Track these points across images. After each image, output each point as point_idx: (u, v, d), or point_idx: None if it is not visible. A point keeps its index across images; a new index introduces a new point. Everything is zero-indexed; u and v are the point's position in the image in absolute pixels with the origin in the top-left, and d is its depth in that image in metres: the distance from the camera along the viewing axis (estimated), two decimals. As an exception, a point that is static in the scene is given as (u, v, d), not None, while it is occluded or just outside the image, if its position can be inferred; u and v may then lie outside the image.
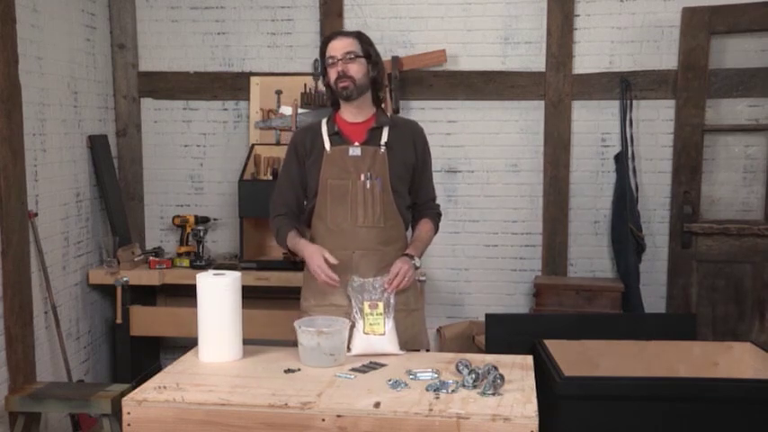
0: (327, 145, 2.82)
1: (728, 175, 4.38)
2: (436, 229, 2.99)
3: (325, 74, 2.85)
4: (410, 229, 2.97)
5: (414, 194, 2.95)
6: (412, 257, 2.78)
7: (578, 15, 4.39)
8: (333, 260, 2.69)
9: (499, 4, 4.44)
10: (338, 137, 2.83)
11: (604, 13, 4.38)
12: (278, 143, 4.43)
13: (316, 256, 2.71)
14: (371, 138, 2.82)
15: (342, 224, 2.80)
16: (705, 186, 4.37)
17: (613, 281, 4.37)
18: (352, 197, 2.79)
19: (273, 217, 2.94)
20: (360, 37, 2.82)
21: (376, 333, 2.62)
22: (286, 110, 4.46)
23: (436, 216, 3.00)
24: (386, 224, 2.82)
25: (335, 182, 2.80)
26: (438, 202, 3.06)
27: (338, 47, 2.77)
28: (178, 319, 4.17)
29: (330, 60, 2.78)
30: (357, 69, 2.77)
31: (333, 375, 2.38)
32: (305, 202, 2.94)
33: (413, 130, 2.94)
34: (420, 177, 2.93)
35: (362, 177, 2.79)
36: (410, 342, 2.80)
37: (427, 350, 2.99)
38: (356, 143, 2.82)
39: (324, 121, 2.89)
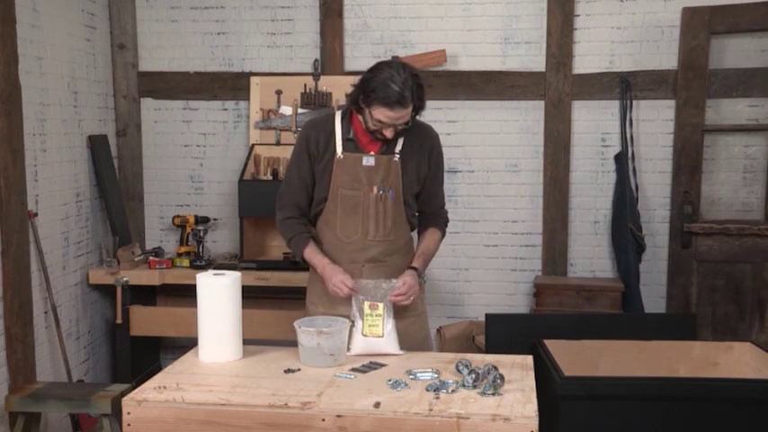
0: (339, 149, 2.71)
1: (728, 175, 4.38)
2: (443, 237, 2.93)
3: (356, 94, 2.61)
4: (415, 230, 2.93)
5: (423, 203, 2.87)
6: (419, 273, 2.75)
7: (578, 15, 4.39)
8: (351, 282, 2.65)
9: (499, 4, 4.44)
10: (352, 143, 2.71)
11: (604, 13, 4.38)
12: (278, 143, 4.43)
13: (334, 274, 2.66)
14: (388, 148, 2.72)
15: (352, 236, 2.74)
16: (705, 186, 4.37)
17: (613, 281, 4.37)
18: (363, 210, 2.72)
19: (283, 219, 2.82)
20: (416, 99, 2.57)
21: (375, 335, 2.61)
22: (286, 110, 4.46)
23: (444, 225, 2.93)
24: (395, 236, 2.77)
25: (347, 192, 2.71)
26: (446, 208, 2.99)
27: (394, 117, 2.54)
28: (178, 319, 4.17)
29: (378, 122, 2.57)
30: (400, 127, 2.61)
31: (333, 375, 2.38)
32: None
33: (429, 139, 2.82)
34: (431, 186, 2.85)
35: (375, 189, 2.70)
36: (418, 347, 2.77)
37: None
38: (371, 152, 2.70)
39: (338, 119, 2.74)
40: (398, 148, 2.73)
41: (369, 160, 2.70)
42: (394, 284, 2.66)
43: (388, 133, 2.60)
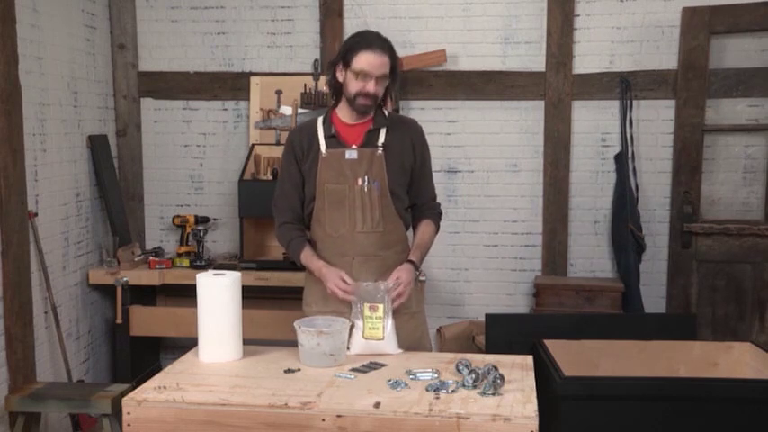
0: (323, 147, 2.76)
1: (728, 175, 4.38)
2: (437, 230, 2.94)
3: (334, 70, 2.74)
4: (410, 229, 2.94)
5: (413, 195, 2.89)
6: (415, 266, 2.75)
7: (578, 15, 4.39)
8: (350, 281, 2.66)
9: (499, 4, 4.44)
10: (334, 139, 2.77)
11: (604, 13, 4.38)
12: (278, 143, 4.43)
13: (331, 276, 2.68)
14: (369, 140, 2.77)
15: (340, 230, 2.77)
16: (705, 186, 4.37)
17: (613, 281, 4.37)
18: (350, 202, 2.75)
19: (280, 224, 2.87)
20: (391, 52, 2.70)
21: (375, 338, 2.61)
22: (286, 110, 4.47)
23: (437, 216, 2.94)
24: (385, 228, 2.78)
25: (332, 186, 2.75)
26: (438, 200, 3.01)
27: (376, 64, 2.64)
28: (178, 319, 4.17)
29: (361, 75, 2.65)
30: (381, 89, 2.71)
31: (333, 375, 2.38)
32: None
33: (411, 130, 2.87)
34: (419, 178, 2.87)
35: (360, 182, 2.74)
36: (413, 346, 2.78)
37: None
38: (353, 146, 2.76)
39: (320, 121, 2.82)
40: (381, 140, 2.77)
41: (351, 154, 2.75)
42: (391, 286, 2.66)
43: (371, 87, 2.66)
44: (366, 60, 2.64)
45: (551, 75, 4.41)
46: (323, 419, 2.10)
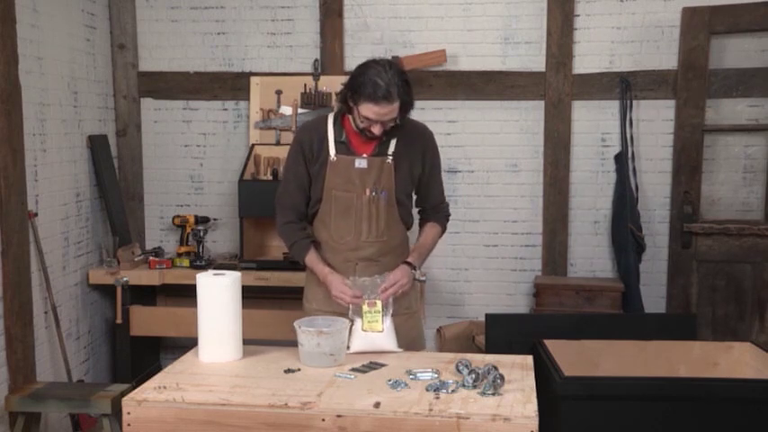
0: (332, 152, 2.73)
1: (728, 175, 4.38)
2: (443, 231, 2.94)
3: (345, 92, 2.65)
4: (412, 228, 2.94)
5: (422, 199, 2.90)
6: (412, 267, 2.75)
7: (578, 15, 4.39)
8: (353, 289, 2.66)
9: (499, 4, 4.44)
10: (344, 146, 2.73)
11: (604, 13, 4.38)
12: (278, 143, 4.44)
13: (336, 283, 2.69)
14: (379, 149, 2.74)
15: (345, 237, 2.77)
16: (705, 186, 4.37)
17: (613, 281, 4.37)
18: (356, 211, 2.74)
19: (283, 224, 2.84)
20: (402, 95, 2.56)
21: (374, 330, 2.62)
22: (286, 110, 4.47)
23: (444, 219, 2.95)
24: (388, 237, 2.79)
25: (340, 194, 2.74)
26: (446, 201, 3.00)
27: (382, 113, 2.55)
28: (178, 319, 4.17)
29: (366, 119, 2.58)
30: (389, 125, 2.63)
31: (333, 375, 2.38)
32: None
33: (421, 138, 2.82)
34: (428, 183, 2.87)
35: (368, 191, 2.72)
36: (411, 345, 2.79)
37: None
38: (364, 155, 2.73)
39: (330, 122, 2.77)
40: (391, 149, 2.75)
41: (361, 162, 2.72)
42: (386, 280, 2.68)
43: (376, 130, 2.62)
44: (371, 111, 2.56)
45: (551, 75, 4.41)
46: (323, 419, 2.10)
